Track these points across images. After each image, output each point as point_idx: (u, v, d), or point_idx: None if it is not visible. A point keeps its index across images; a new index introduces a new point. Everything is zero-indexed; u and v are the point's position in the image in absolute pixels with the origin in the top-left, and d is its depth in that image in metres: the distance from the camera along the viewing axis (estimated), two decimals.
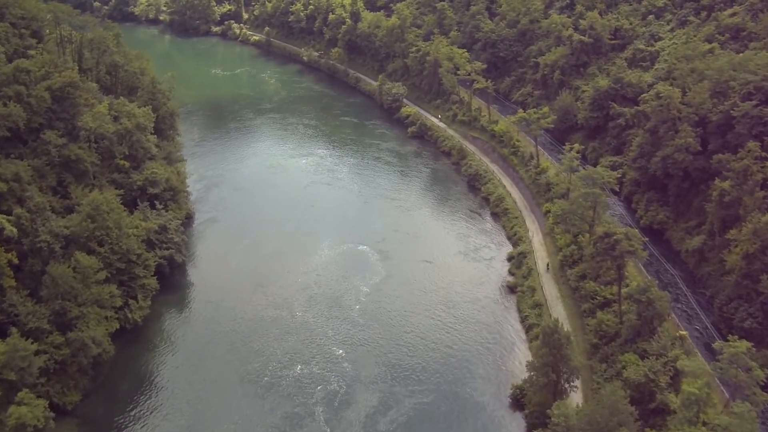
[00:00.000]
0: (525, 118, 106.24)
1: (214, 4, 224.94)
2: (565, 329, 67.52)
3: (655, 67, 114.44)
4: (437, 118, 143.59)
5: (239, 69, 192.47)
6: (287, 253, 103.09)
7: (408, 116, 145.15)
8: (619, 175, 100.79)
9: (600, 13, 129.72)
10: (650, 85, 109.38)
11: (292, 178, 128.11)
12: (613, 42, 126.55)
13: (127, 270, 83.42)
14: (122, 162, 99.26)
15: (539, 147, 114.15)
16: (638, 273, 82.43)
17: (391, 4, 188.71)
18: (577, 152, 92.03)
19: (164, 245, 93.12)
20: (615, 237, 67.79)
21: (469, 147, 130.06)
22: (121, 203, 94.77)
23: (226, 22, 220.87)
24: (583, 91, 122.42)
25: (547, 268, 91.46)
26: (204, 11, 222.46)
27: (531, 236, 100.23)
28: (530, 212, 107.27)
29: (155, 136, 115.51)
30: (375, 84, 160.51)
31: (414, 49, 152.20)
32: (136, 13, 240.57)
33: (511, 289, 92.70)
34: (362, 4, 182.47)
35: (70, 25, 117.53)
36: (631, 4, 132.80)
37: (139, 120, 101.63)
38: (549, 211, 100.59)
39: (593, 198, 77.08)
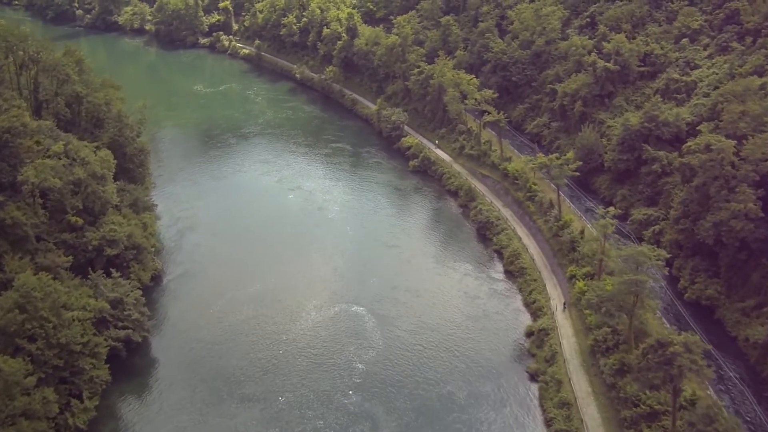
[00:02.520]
0: (546, 164, 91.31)
1: (202, 14, 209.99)
2: None
3: (693, 101, 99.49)
4: (435, 144, 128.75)
5: (223, 85, 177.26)
6: (268, 317, 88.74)
7: (409, 147, 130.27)
8: (656, 231, 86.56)
9: (627, 36, 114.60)
10: (689, 125, 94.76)
11: (276, 218, 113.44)
12: (642, 69, 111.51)
13: (69, 364, 68.87)
14: (74, 219, 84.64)
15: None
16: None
17: (391, 17, 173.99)
18: (613, 216, 76.78)
19: (120, 323, 78.49)
20: (672, 349, 53.00)
21: (478, 187, 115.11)
22: (72, 269, 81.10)
23: (214, 34, 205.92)
24: (609, 127, 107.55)
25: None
26: (191, 21, 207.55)
27: (553, 307, 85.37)
28: (551, 273, 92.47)
29: (121, 180, 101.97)
30: (373, 108, 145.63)
31: (416, 71, 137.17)
32: (120, 23, 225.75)
33: (532, 376, 77.94)
34: (359, 18, 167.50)
35: (23, 51, 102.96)
36: (660, 25, 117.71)
37: (94, 169, 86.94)
38: (574, 276, 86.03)
39: (637, 286, 62.28)
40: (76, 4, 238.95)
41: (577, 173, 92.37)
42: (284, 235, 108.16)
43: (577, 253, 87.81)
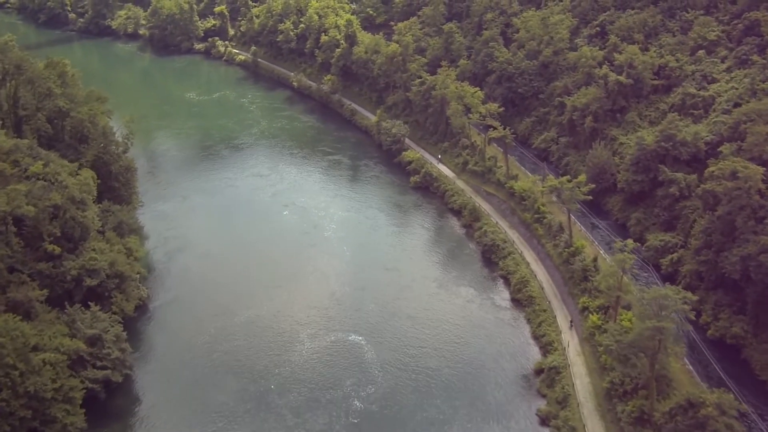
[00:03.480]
0: (557, 187, 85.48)
1: (198, 18, 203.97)
2: None
3: (712, 118, 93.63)
4: (437, 159, 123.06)
5: (217, 93, 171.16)
6: (260, 348, 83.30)
7: (410, 162, 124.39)
8: (674, 260, 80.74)
9: (639, 47, 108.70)
10: (708, 145, 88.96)
11: (269, 237, 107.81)
12: (656, 83, 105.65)
13: (40, 413, 63.15)
14: (52, 247, 78.85)
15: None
16: None
17: (392, 23, 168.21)
18: (632, 250, 70.80)
19: (99, 363, 72.69)
20: (704, 411, 47.21)
21: (483, 206, 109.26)
22: (48, 300, 75.54)
23: (210, 39, 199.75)
24: (621, 144, 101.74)
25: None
26: (186, 26, 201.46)
27: (565, 342, 79.55)
28: (562, 303, 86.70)
29: (106, 201, 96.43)
30: (372, 119, 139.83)
31: (417, 81, 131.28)
32: (114, 27, 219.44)
33: (543, 420, 72.12)
34: (358, 24, 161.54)
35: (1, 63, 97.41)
36: (674, 36, 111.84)
37: (73, 193, 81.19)
38: (587, 308, 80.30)
39: (661, 333, 56.49)
40: (69, 8, 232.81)
41: (590, 197, 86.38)
42: (278, 256, 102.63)
43: (590, 283, 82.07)
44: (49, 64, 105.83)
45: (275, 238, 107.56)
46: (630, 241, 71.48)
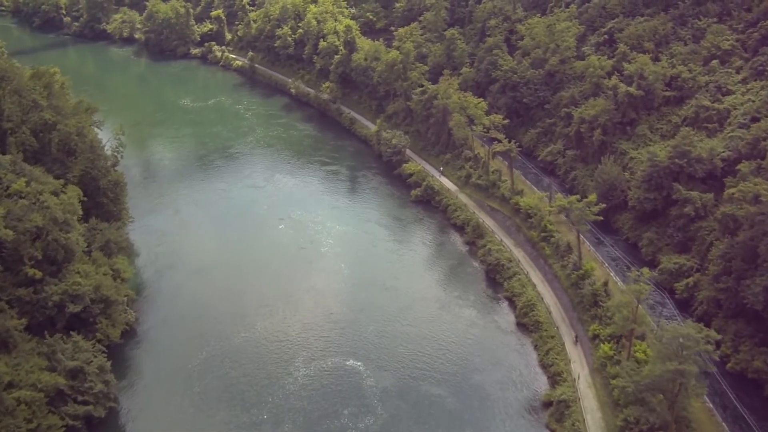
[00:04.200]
0: (565, 207, 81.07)
1: (194, 22, 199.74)
2: None
3: (728, 132, 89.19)
4: (439, 171, 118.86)
5: (212, 100, 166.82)
6: (252, 374, 79.14)
7: (411, 174, 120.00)
8: (690, 284, 76.42)
9: (651, 57, 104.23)
10: (725, 161, 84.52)
11: (264, 253, 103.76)
12: (667, 94, 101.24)
13: None
14: (32, 271, 74.51)
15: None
16: None
17: (392, 28, 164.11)
18: (648, 280, 66.36)
19: (80, 397, 68.36)
20: None
21: (487, 222, 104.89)
22: (29, 328, 71.45)
23: (206, 44, 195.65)
24: (632, 158, 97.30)
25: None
26: (182, 31, 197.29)
27: (574, 373, 75.14)
28: (570, 329, 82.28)
29: (94, 218, 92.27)
30: (372, 128, 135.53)
31: (419, 90, 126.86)
32: (109, 31, 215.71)
33: None
34: (358, 29, 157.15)
35: None
36: (686, 44, 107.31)
37: (55, 214, 76.87)
38: (597, 336, 75.95)
39: (683, 377, 52.11)
40: (64, 11, 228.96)
41: (600, 217, 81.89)
42: (273, 273, 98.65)
43: (601, 309, 77.72)
44: (35, 74, 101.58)
45: (270, 254, 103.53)
46: (646, 270, 66.98)
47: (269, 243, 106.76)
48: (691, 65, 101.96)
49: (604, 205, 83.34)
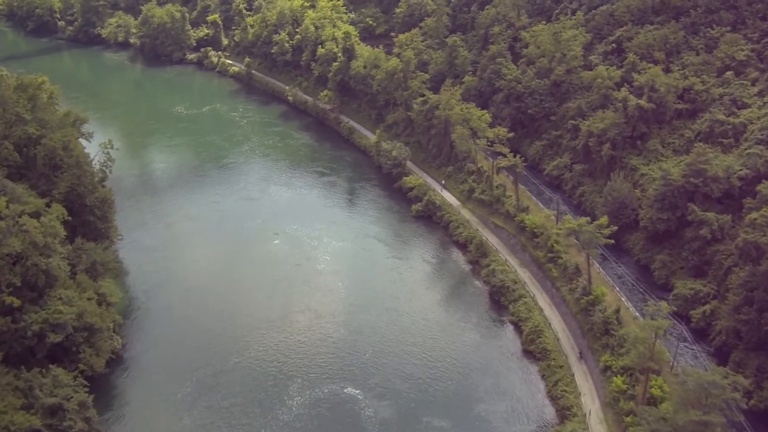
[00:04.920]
0: (574, 230, 76.76)
1: (190, 27, 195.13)
2: None
3: (744, 148, 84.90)
4: (441, 184, 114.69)
5: (207, 107, 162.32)
6: (243, 405, 75.19)
7: (412, 188, 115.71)
8: (707, 313, 72.11)
9: (662, 68, 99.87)
10: (743, 180, 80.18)
11: (258, 270, 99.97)
12: (680, 107, 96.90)
13: None
14: (10, 299, 70.33)
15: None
16: None
17: (392, 33, 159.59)
18: (667, 314, 61.98)
19: None
20: None
21: (491, 240, 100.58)
22: (6, 359, 67.45)
23: (202, 49, 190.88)
24: (643, 174, 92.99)
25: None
26: (178, 36, 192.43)
27: (585, 407, 70.83)
28: (580, 359, 77.95)
29: (79, 238, 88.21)
30: (371, 139, 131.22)
31: (420, 100, 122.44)
32: (104, 36, 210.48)
33: None
34: (357, 35, 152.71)
35: None
36: (698, 54, 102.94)
37: (35, 238, 72.61)
38: (609, 368, 71.65)
39: (708, 428, 47.82)
40: (58, 15, 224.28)
41: (612, 241, 77.49)
42: (267, 293, 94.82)
43: (613, 338, 73.42)
44: (20, 85, 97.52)
45: (264, 272, 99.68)
46: (665, 304, 62.61)
47: (264, 260, 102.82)
48: (704, 77, 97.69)
49: (616, 228, 78.89)
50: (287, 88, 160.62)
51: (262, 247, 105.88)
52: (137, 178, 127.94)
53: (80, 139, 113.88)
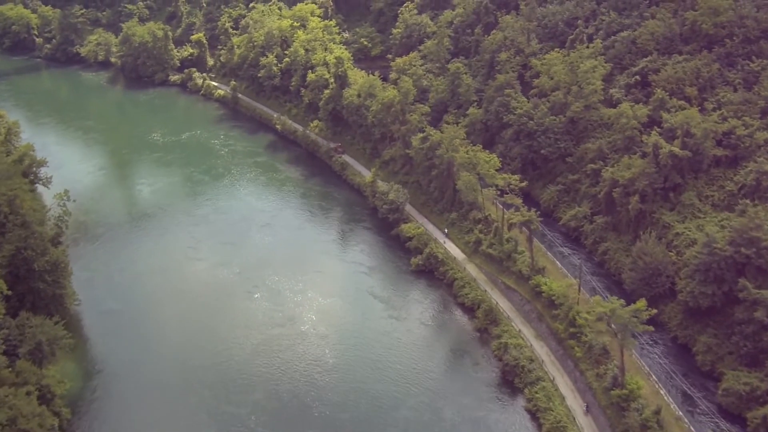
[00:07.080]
0: (606, 314, 64.03)
1: (173, 47, 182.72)
2: None
3: None
4: (444, 233, 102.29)
5: (186, 134, 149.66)
6: None
7: (411, 237, 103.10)
8: None
9: (698, 107, 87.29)
10: None
11: (235, 334, 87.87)
12: (719, 153, 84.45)
13: None
14: None
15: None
16: None
17: (389, 55, 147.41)
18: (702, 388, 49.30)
19: None
20: None
21: (501, 304, 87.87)
22: None
23: (186, 70, 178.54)
24: (678, 234, 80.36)
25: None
26: (160, 56, 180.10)
27: None
28: None
29: (24, 311, 75.82)
30: (366, 177, 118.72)
31: (419, 136, 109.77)
32: (83, 54, 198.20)
33: None
34: (350, 58, 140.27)
35: None
36: (736, 90, 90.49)
37: None
38: None
39: None
40: (36, 32, 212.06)
41: (651, 328, 64.69)
42: (243, 364, 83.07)
43: None
44: None
45: (240, 337, 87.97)
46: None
47: (240, 320, 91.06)
48: (746, 118, 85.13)
49: (655, 311, 66.13)
50: (275, 115, 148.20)
51: (238, 304, 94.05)
52: (102, 221, 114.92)
53: (38, 185, 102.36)
